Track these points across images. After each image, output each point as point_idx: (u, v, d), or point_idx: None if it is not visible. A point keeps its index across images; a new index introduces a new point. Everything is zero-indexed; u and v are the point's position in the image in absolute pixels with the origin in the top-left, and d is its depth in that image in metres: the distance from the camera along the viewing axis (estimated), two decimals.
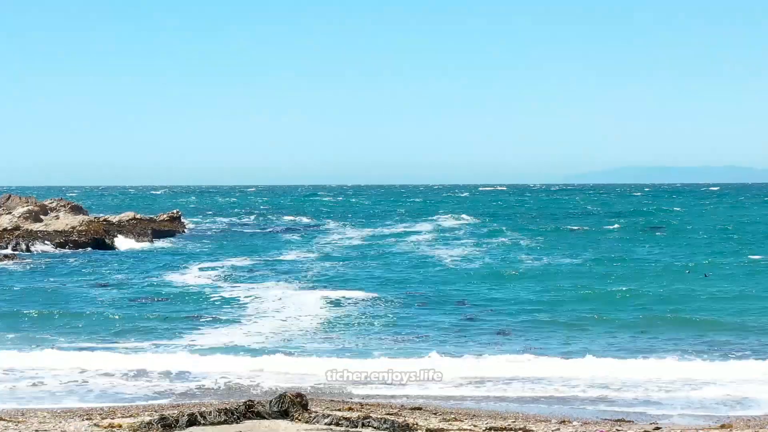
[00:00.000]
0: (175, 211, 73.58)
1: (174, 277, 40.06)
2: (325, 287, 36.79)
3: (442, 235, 67.46)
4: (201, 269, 43.55)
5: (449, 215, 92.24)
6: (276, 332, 27.51)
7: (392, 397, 20.57)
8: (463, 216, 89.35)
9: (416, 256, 50.07)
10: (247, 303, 32.64)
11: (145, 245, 56.75)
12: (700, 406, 20.04)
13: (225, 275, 41.14)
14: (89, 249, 53.27)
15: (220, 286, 37.21)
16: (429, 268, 43.66)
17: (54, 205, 64.02)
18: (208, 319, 29.76)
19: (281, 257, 50.57)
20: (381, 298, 33.71)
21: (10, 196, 70.11)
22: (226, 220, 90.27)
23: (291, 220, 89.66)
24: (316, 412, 17.59)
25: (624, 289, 35.27)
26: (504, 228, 72.90)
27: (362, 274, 41.42)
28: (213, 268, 43.99)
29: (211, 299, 33.62)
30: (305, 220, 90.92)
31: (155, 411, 17.78)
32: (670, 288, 35.66)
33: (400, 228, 76.97)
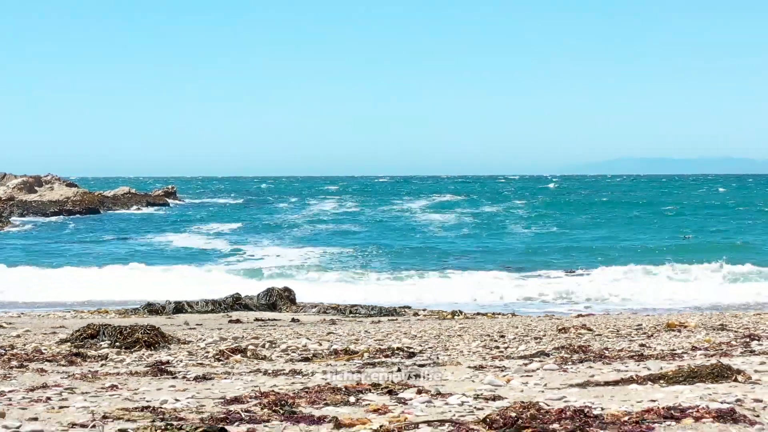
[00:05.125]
0: (170, 186, 73.54)
1: (163, 236, 40.28)
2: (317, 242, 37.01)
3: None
4: (192, 229, 43.85)
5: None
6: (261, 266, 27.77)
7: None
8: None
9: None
10: (231, 251, 33.04)
11: (138, 211, 56.83)
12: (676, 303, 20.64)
13: (213, 232, 41.59)
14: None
15: (207, 241, 37.54)
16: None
17: (48, 178, 63.98)
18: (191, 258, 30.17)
19: (269, 220, 50.81)
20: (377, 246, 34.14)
21: (5, 175, 70.02)
22: (224, 199, 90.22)
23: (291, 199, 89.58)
24: (304, 304, 17.59)
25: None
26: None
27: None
28: (201, 225, 44.35)
29: (196, 248, 34.01)
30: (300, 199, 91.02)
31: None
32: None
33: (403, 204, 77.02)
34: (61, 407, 6.05)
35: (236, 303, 17.05)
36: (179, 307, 16.35)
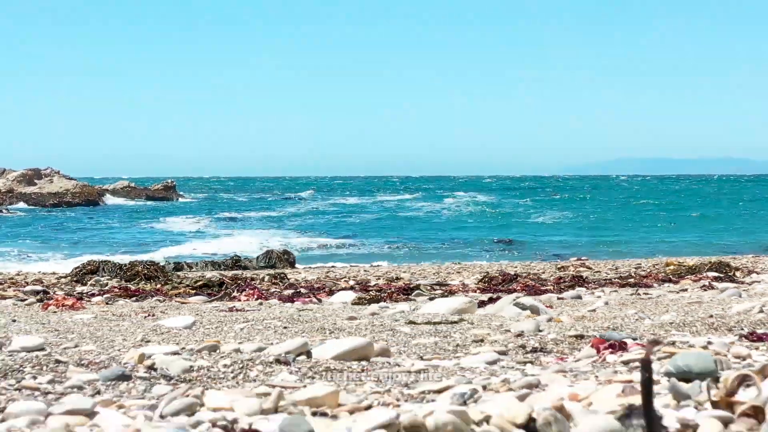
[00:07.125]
0: (169, 180, 73.51)
1: (159, 225, 40.48)
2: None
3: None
4: (186, 218, 44.14)
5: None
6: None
7: None
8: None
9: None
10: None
11: (137, 204, 56.92)
12: None
13: (211, 220, 41.89)
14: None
15: (199, 230, 37.75)
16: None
17: (48, 171, 63.99)
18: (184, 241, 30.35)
19: (269, 213, 50.97)
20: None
21: (4, 170, 70.08)
22: (227, 195, 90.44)
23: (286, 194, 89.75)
24: (302, 269, 17.59)
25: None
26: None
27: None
28: (199, 217, 44.65)
29: (188, 235, 34.27)
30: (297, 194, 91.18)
31: None
32: None
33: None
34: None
35: (235, 264, 17.07)
36: (179, 267, 16.35)
